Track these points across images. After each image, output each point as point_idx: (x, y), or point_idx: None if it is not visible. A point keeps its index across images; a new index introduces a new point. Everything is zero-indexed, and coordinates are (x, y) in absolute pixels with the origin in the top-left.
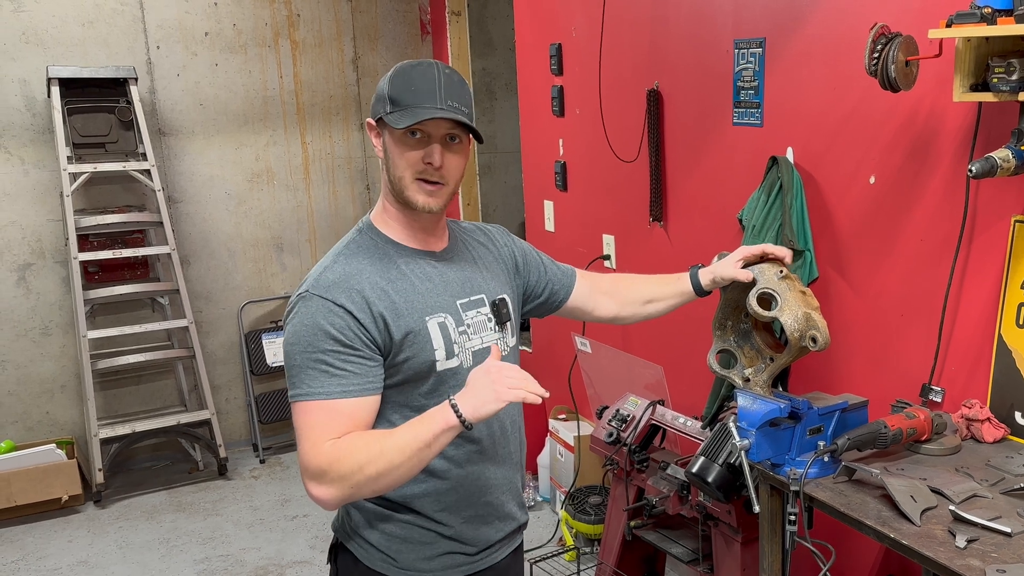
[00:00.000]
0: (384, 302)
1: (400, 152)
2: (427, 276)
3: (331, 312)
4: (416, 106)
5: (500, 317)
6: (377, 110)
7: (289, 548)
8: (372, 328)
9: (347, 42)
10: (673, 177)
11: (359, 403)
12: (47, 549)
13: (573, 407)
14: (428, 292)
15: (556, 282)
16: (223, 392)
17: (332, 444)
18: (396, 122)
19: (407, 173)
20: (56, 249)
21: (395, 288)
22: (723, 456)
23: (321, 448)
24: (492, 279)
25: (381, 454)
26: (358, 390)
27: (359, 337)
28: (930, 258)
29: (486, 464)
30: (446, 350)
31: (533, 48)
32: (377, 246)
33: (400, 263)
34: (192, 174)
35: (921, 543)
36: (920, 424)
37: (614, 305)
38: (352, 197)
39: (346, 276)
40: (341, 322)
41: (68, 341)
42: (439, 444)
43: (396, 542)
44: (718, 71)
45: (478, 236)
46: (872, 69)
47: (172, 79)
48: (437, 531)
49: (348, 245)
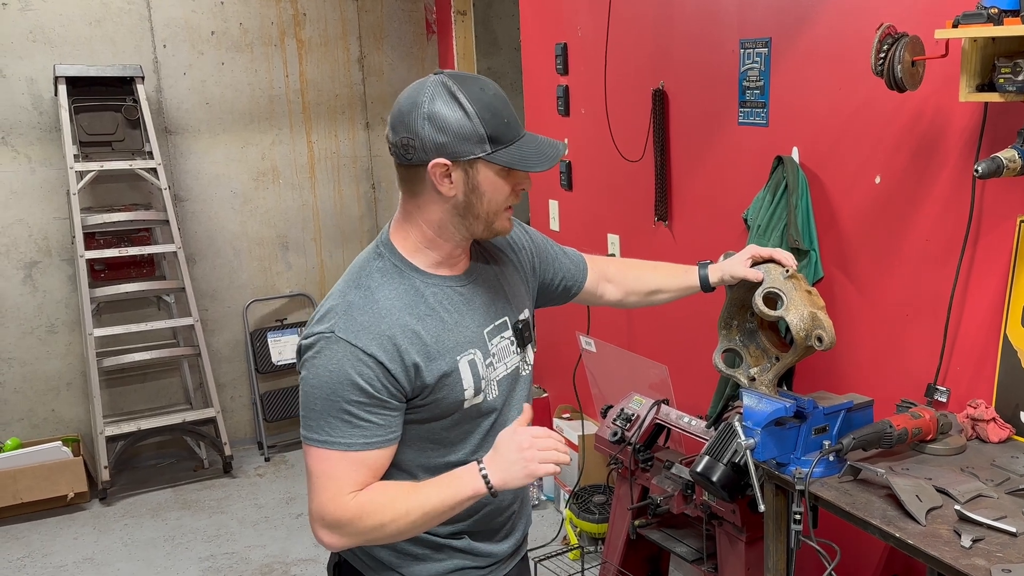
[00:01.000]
0: (416, 347)
1: (500, 187)
2: (454, 306)
3: (360, 361)
4: (517, 139)
5: (522, 340)
6: (466, 149)
7: (294, 546)
8: (402, 378)
9: (353, 41)
10: (678, 177)
11: (380, 454)
12: (53, 546)
13: (577, 406)
14: (457, 326)
15: (569, 276)
16: (228, 390)
17: (355, 499)
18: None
19: (502, 205)
20: (62, 247)
21: (425, 327)
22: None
23: (342, 501)
24: (514, 295)
25: (406, 514)
26: (381, 441)
27: (387, 388)
28: (935, 258)
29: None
30: (475, 388)
31: (538, 48)
32: (401, 273)
33: (428, 295)
34: (198, 173)
35: (926, 542)
36: (925, 424)
37: (619, 292)
38: (357, 196)
39: (376, 319)
40: (370, 373)
41: (74, 339)
42: (462, 507)
43: (406, 558)
44: (723, 71)
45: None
46: (878, 69)
47: (178, 78)
48: (450, 545)
49: (370, 273)
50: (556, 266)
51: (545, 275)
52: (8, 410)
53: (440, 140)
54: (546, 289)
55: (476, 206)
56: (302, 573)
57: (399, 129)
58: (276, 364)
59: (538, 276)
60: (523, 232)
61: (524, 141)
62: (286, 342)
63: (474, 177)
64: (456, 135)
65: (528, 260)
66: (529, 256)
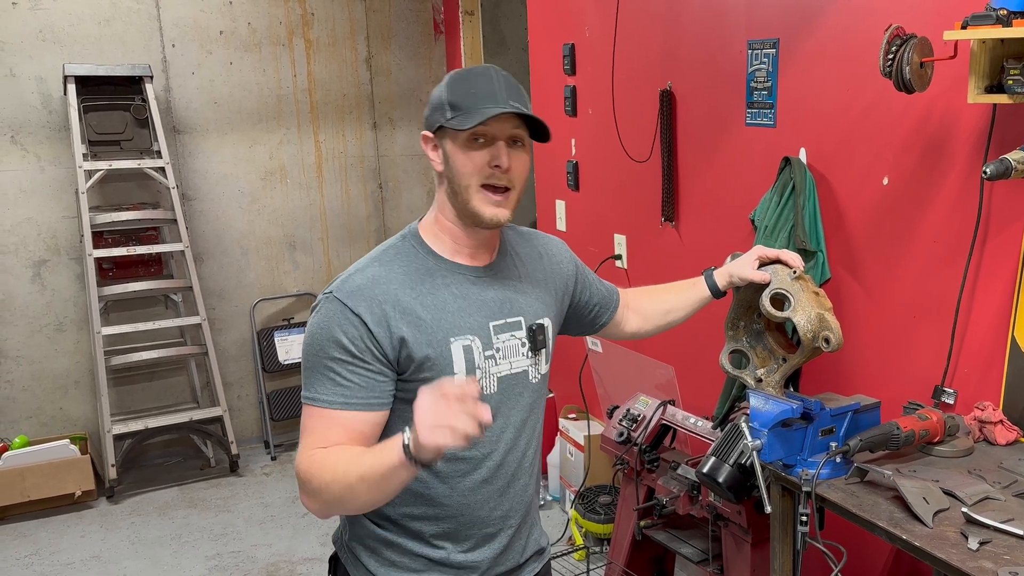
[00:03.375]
0: (408, 319)
1: (465, 158)
2: (463, 294)
3: (347, 320)
4: (479, 108)
5: (535, 344)
6: (435, 119)
7: (300, 545)
8: (386, 344)
9: (361, 41)
10: (685, 177)
11: (359, 417)
12: (60, 544)
13: (583, 407)
14: (459, 311)
15: (604, 302)
16: (235, 389)
17: (313, 455)
18: (461, 124)
19: (473, 180)
20: (71, 246)
21: (423, 304)
22: (734, 456)
23: (306, 454)
24: (536, 300)
25: (344, 475)
26: (361, 403)
27: (370, 350)
28: (943, 260)
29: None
30: (465, 372)
31: (546, 48)
32: (417, 256)
33: (437, 278)
34: (206, 172)
35: (933, 545)
36: (933, 426)
37: (638, 320)
38: (365, 196)
39: (372, 283)
40: (354, 332)
41: (82, 337)
42: (397, 479)
43: (385, 565)
44: (731, 72)
45: (535, 248)
46: (887, 70)
47: (187, 77)
48: (429, 556)
49: (387, 250)
50: (592, 290)
51: (582, 296)
52: (16, 408)
53: (426, 113)
54: (579, 310)
55: (454, 180)
56: (308, 572)
57: None
58: (283, 363)
59: (573, 296)
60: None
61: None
62: (293, 341)
63: (444, 147)
64: (432, 107)
65: (564, 277)
66: (568, 273)
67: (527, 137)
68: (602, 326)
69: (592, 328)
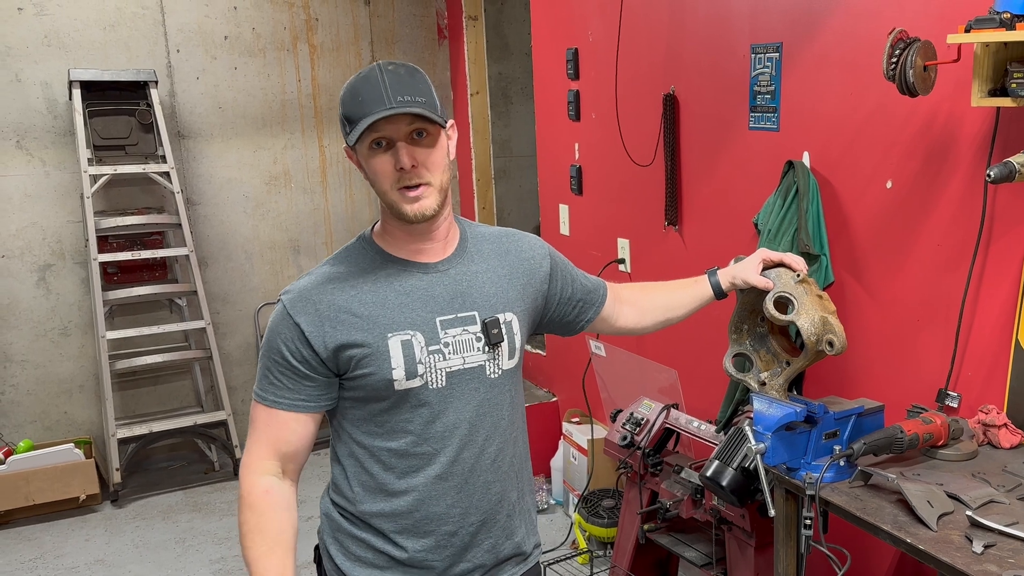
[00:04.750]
0: (343, 317)
1: (373, 167)
2: (406, 290)
3: (286, 326)
4: (364, 116)
5: (490, 338)
6: (344, 133)
7: (303, 549)
8: (321, 350)
9: (365, 46)
10: (688, 181)
11: (290, 417)
12: (64, 548)
13: (587, 410)
14: (400, 307)
15: (588, 297)
16: (239, 393)
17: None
18: (352, 139)
19: (388, 186)
20: (76, 250)
21: (361, 301)
22: (737, 460)
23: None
24: (497, 295)
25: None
26: (288, 404)
27: (304, 357)
28: (947, 263)
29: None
30: (406, 369)
31: (550, 52)
32: (365, 255)
33: (380, 275)
34: (210, 177)
35: (938, 548)
36: (937, 429)
37: (635, 314)
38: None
39: (316, 284)
40: (290, 335)
41: (87, 341)
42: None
43: (350, 560)
44: (735, 76)
45: (501, 245)
46: (890, 74)
47: (192, 82)
48: (391, 554)
49: (341, 251)
50: (576, 286)
51: (562, 293)
52: (21, 412)
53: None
54: (562, 307)
55: (374, 187)
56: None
57: None
58: None
59: (550, 291)
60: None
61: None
62: None
63: (359, 159)
64: (340, 123)
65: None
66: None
67: (432, 125)
68: (588, 321)
69: (578, 324)
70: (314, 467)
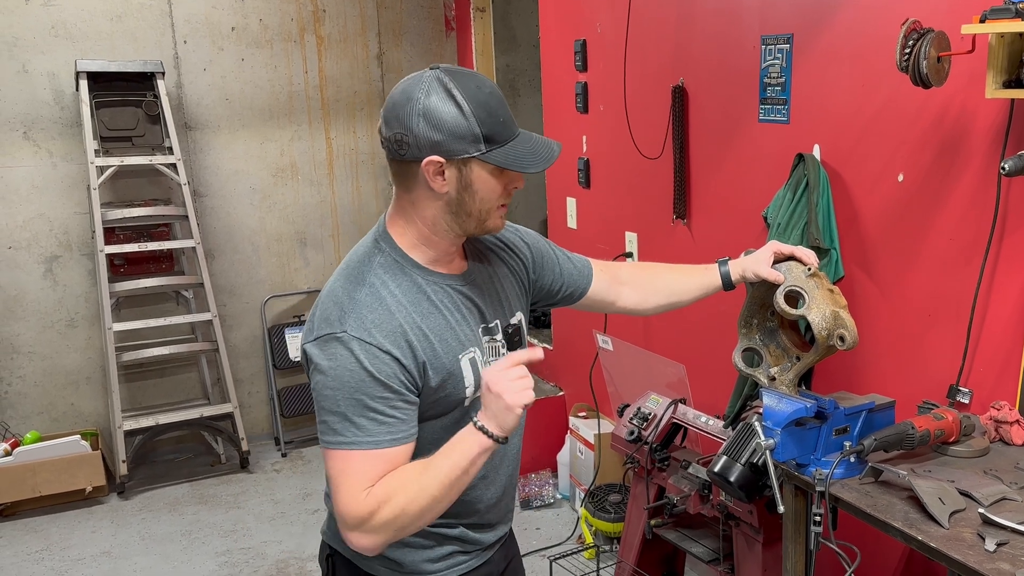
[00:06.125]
0: (424, 344)
1: (493, 186)
2: (455, 306)
3: (377, 358)
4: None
5: (511, 345)
6: (460, 148)
7: (310, 542)
8: (415, 373)
9: (372, 38)
10: (697, 174)
11: (402, 450)
12: (71, 539)
13: (594, 405)
14: (458, 325)
15: (571, 281)
16: (246, 386)
17: (369, 493)
18: (515, 164)
19: (495, 204)
20: (83, 242)
21: (429, 326)
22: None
23: (359, 497)
24: (506, 299)
25: (422, 491)
26: (404, 437)
27: (404, 383)
28: (959, 257)
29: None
30: (475, 385)
31: (558, 44)
32: (403, 269)
33: (429, 292)
34: (217, 168)
35: (949, 546)
36: (948, 426)
37: (636, 296)
38: (376, 193)
39: (387, 316)
40: (388, 370)
41: (94, 333)
42: (476, 468)
43: (398, 547)
44: (744, 67)
45: (495, 240)
46: (903, 65)
47: (199, 73)
48: (442, 533)
49: (371, 267)
50: (557, 271)
51: (544, 279)
52: (28, 404)
53: (435, 138)
54: (547, 293)
55: (469, 204)
56: (318, 570)
57: (392, 124)
58: (293, 360)
59: (535, 280)
60: (516, 235)
61: (519, 140)
62: None
63: (467, 175)
64: (451, 133)
65: (522, 263)
66: (524, 259)
67: None
68: (576, 300)
69: (568, 303)
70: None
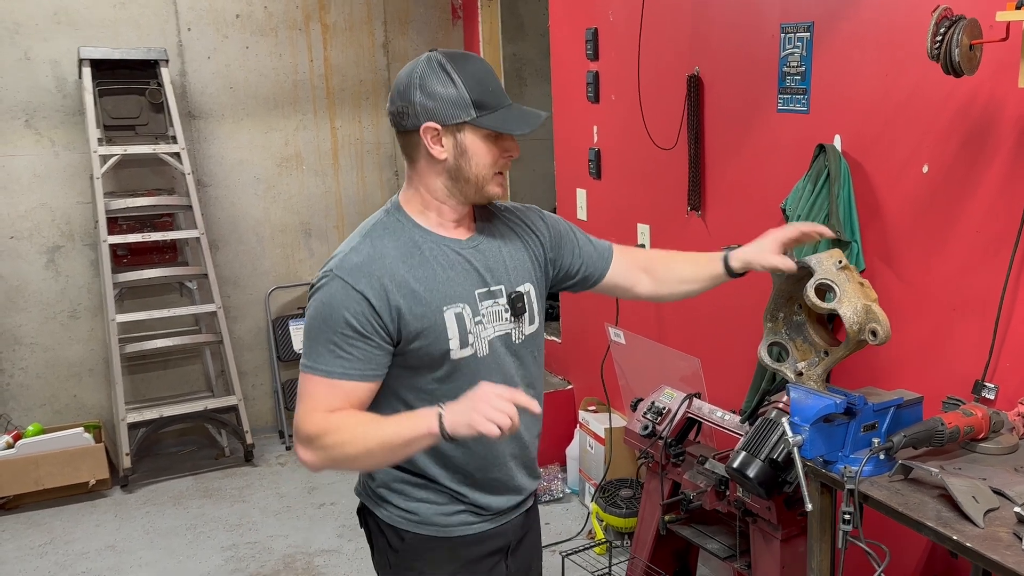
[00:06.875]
0: (403, 291)
1: (486, 151)
2: (450, 264)
3: (349, 297)
4: (502, 107)
5: (515, 311)
6: (453, 114)
7: (316, 536)
8: (387, 318)
9: (378, 26)
10: (713, 165)
11: (356, 386)
12: (74, 533)
13: (605, 399)
14: (448, 281)
15: (591, 263)
16: (250, 378)
17: (324, 417)
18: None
19: (490, 170)
20: (85, 232)
21: (415, 276)
22: (765, 451)
23: (314, 417)
24: (516, 268)
25: (361, 438)
26: (358, 375)
27: (372, 325)
28: (986, 250)
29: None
30: (460, 339)
31: (568, 33)
32: (404, 229)
33: (424, 249)
34: (221, 158)
35: (986, 546)
36: (977, 422)
37: (651, 283)
38: (380, 183)
39: (370, 260)
40: (358, 308)
41: (96, 324)
42: (416, 446)
43: (414, 502)
44: (762, 56)
45: (510, 219)
46: (934, 53)
47: (203, 62)
48: (452, 495)
49: (375, 226)
50: (576, 252)
51: (563, 259)
52: (30, 395)
53: (430, 105)
54: (566, 273)
55: (466, 170)
56: (325, 564)
57: (396, 100)
58: (298, 352)
59: (553, 259)
60: (537, 215)
61: (508, 108)
62: None
63: (462, 141)
64: (444, 100)
65: (539, 241)
66: (542, 237)
67: None
68: (594, 283)
69: (587, 285)
70: None
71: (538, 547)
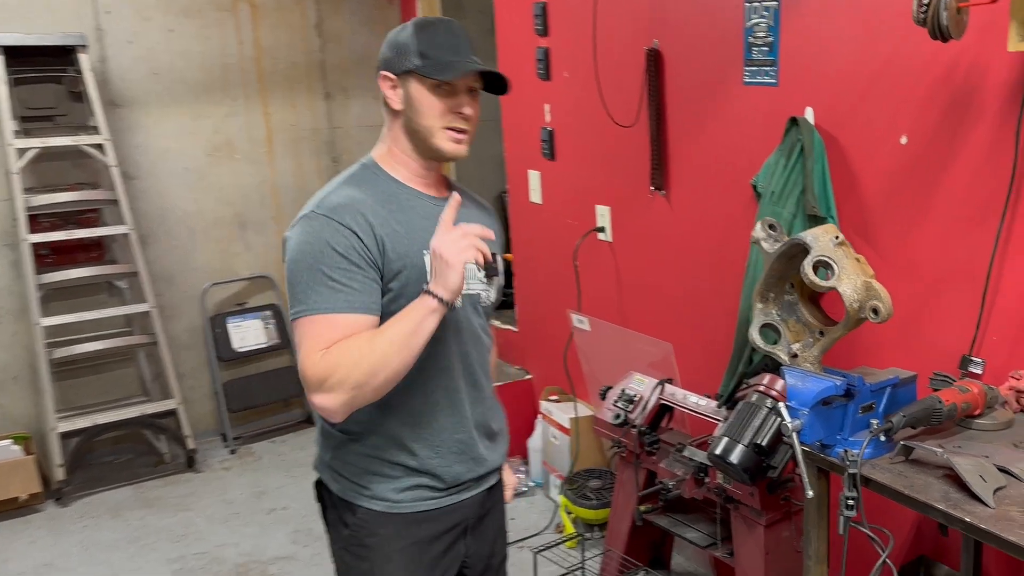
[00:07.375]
0: (385, 229)
1: (430, 103)
2: (427, 214)
3: (336, 231)
4: (449, 60)
5: (489, 270)
6: (401, 63)
7: (269, 543)
8: (374, 249)
9: (310, 6)
10: (676, 142)
11: (359, 319)
12: (7, 552)
13: (568, 388)
14: (426, 230)
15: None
16: (188, 380)
17: (323, 353)
18: (437, 74)
19: (436, 123)
20: (4, 231)
21: (396, 219)
22: (748, 436)
23: (315, 359)
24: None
25: (373, 349)
26: (362, 307)
27: (362, 256)
28: (970, 222)
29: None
30: None
31: (514, 8)
32: (380, 181)
33: (402, 199)
34: (147, 148)
35: (1001, 527)
36: (974, 398)
37: None
38: (318, 170)
39: (350, 199)
40: (346, 241)
41: (20, 329)
42: (424, 330)
43: (365, 476)
44: (726, 27)
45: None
46: (921, 17)
47: (124, 46)
48: (404, 463)
49: (351, 177)
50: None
51: None
52: None
53: (387, 55)
54: None
55: (415, 120)
56: (280, 571)
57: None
58: (238, 351)
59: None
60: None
61: (463, 63)
62: (248, 327)
63: (409, 91)
64: (396, 50)
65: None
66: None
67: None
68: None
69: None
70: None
71: (503, 530)
